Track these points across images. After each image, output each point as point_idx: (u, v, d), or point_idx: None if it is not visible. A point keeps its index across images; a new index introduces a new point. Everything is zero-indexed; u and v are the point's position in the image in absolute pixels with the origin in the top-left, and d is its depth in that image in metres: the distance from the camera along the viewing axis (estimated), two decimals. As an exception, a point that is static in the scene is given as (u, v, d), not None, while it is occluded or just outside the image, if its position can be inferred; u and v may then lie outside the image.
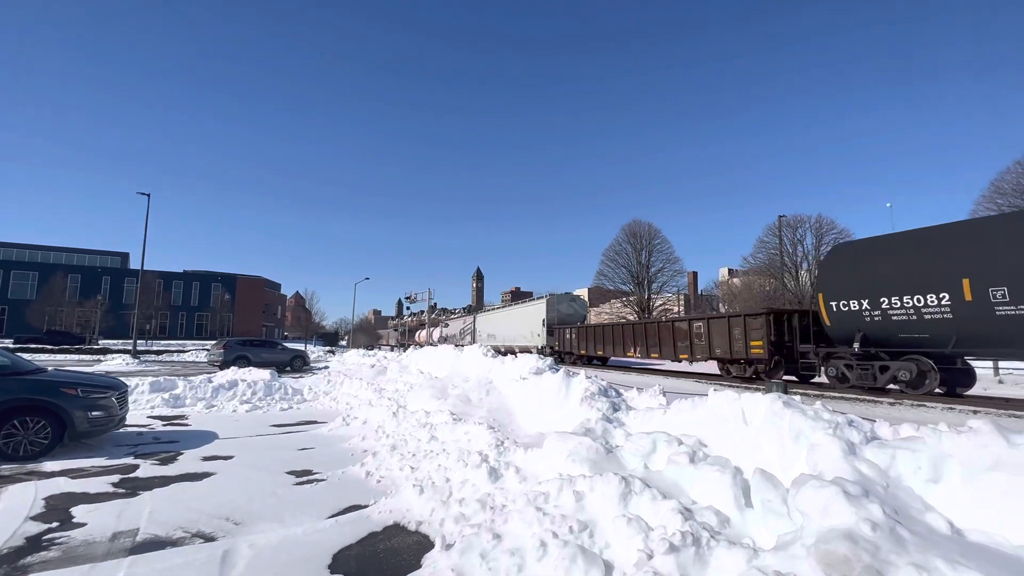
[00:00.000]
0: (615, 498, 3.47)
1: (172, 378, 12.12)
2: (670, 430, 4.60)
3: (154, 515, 4.22)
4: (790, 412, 3.89)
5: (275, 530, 3.93)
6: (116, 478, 5.35)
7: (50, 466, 5.74)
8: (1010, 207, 25.85)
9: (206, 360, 24.69)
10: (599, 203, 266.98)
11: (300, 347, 35.36)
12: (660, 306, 44.50)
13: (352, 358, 29.39)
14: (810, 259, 36.02)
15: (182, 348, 42.40)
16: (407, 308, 77.25)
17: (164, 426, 8.59)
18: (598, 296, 55.26)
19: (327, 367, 25.13)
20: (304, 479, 5.41)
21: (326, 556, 3.49)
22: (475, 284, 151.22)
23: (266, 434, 8.10)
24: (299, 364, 23.63)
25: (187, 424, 8.84)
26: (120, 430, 7.49)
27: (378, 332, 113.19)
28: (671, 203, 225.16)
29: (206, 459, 6.24)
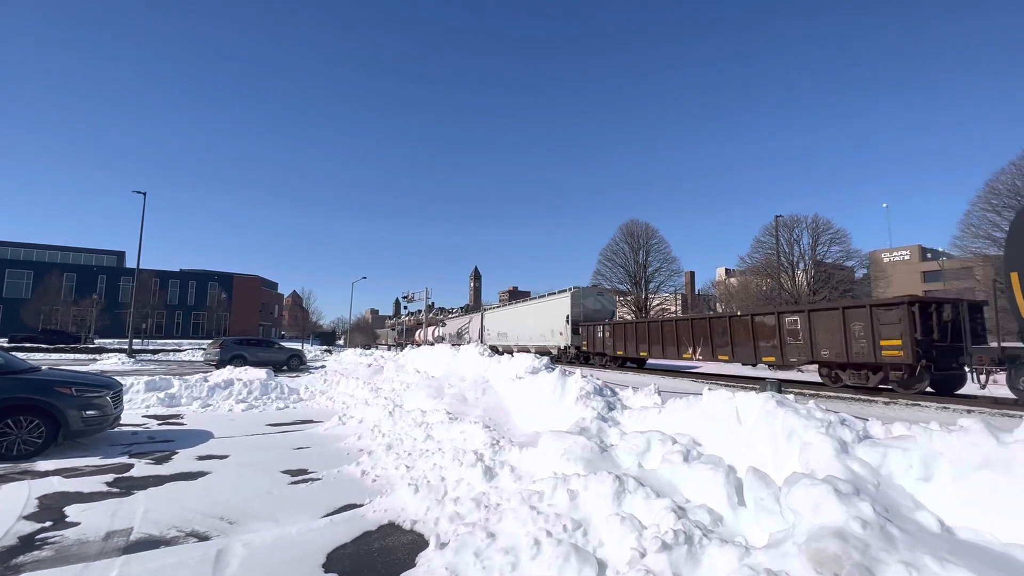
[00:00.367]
0: (609, 497, 3.48)
1: (168, 377, 12.07)
2: (664, 429, 4.62)
3: (148, 514, 4.21)
4: (783, 411, 3.91)
5: (270, 529, 3.92)
6: (110, 477, 5.34)
7: (44, 465, 5.71)
8: (1005, 207, 26.03)
9: (202, 359, 24.62)
10: (597, 203, 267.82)
11: (297, 346, 35.27)
12: (657, 306, 44.57)
13: (349, 357, 29.31)
14: (806, 259, 36.18)
15: (178, 347, 42.28)
16: (404, 308, 77.23)
17: (159, 425, 8.56)
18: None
19: (324, 366, 25.09)
20: (299, 478, 5.41)
21: (320, 555, 3.49)
22: (473, 283, 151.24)
23: (262, 433, 8.08)
24: (296, 363, 23.58)
25: (182, 423, 8.81)
26: (115, 429, 7.47)
27: (375, 332, 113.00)
28: (668, 203, 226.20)
29: (201, 458, 6.23)
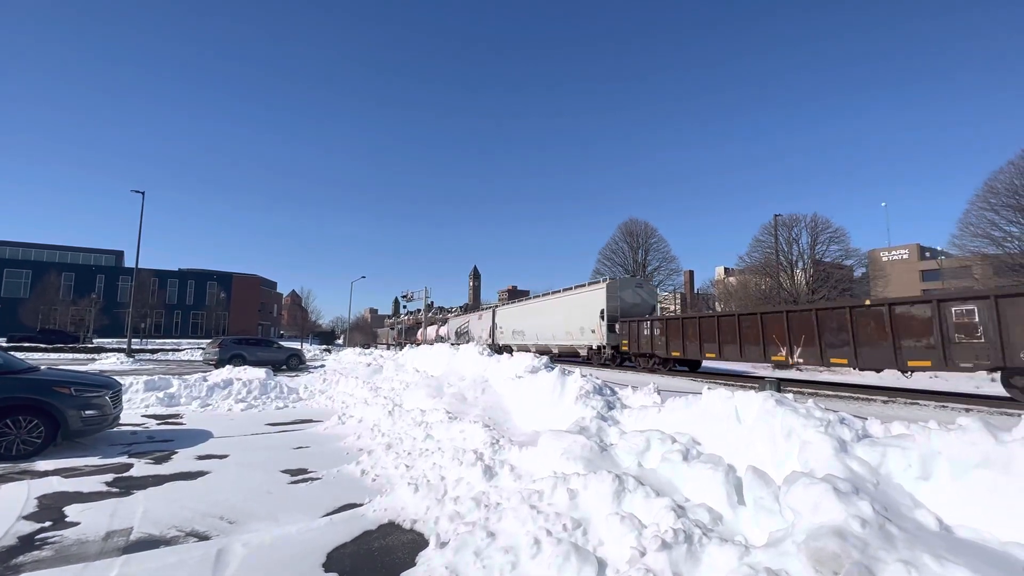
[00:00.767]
0: (609, 496, 3.48)
1: (167, 377, 12.06)
2: (664, 428, 4.62)
3: (148, 514, 4.21)
4: (782, 410, 3.91)
5: (269, 529, 3.92)
6: (110, 477, 5.33)
7: (43, 465, 5.71)
8: (1003, 207, 26.08)
9: (201, 359, 24.60)
10: (596, 203, 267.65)
11: (296, 346, 35.30)
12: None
13: (348, 357, 29.28)
14: (805, 258, 36.23)
15: (177, 347, 42.26)
16: (403, 307, 77.18)
17: (158, 425, 8.55)
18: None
19: (323, 366, 25.06)
20: (299, 478, 5.41)
21: (320, 555, 3.49)
22: (472, 283, 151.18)
23: (261, 433, 8.08)
24: (295, 363, 23.56)
25: (182, 423, 8.80)
26: (114, 429, 7.46)
27: (375, 331, 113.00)
28: (667, 202, 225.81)
29: (200, 458, 6.23)
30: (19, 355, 10.60)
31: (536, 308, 29.49)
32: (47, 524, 3.99)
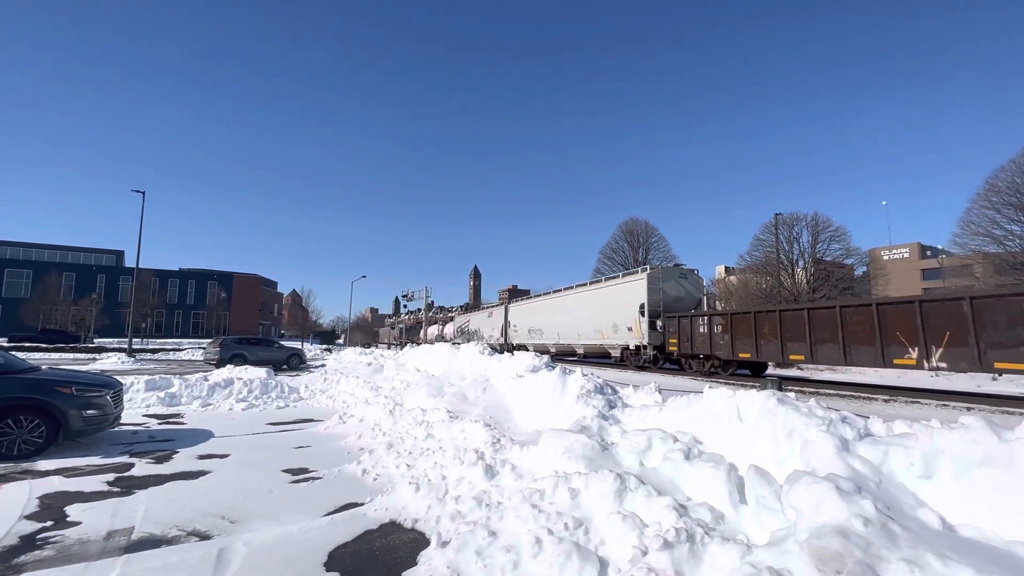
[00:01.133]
0: (610, 495, 3.48)
1: (168, 376, 12.07)
2: (665, 427, 4.61)
3: (149, 514, 4.21)
4: (784, 409, 3.90)
5: (271, 528, 3.93)
6: (111, 477, 5.34)
7: (44, 465, 5.71)
8: (1004, 205, 26.06)
9: (202, 358, 24.64)
10: (596, 203, 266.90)
11: (297, 345, 35.30)
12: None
13: (349, 356, 29.30)
14: (806, 257, 36.21)
15: (178, 346, 42.30)
16: (404, 306, 77.18)
17: (159, 425, 8.56)
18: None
19: (324, 365, 25.10)
20: (300, 477, 5.41)
21: (322, 554, 3.50)
22: (472, 282, 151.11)
23: (262, 432, 8.09)
24: (295, 362, 23.59)
25: (183, 423, 8.81)
26: (115, 429, 7.47)
27: (375, 330, 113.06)
28: (668, 202, 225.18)
29: (202, 457, 6.23)
30: (20, 355, 10.61)
31: (557, 304, 26.30)
32: (48, 524, 3.99)
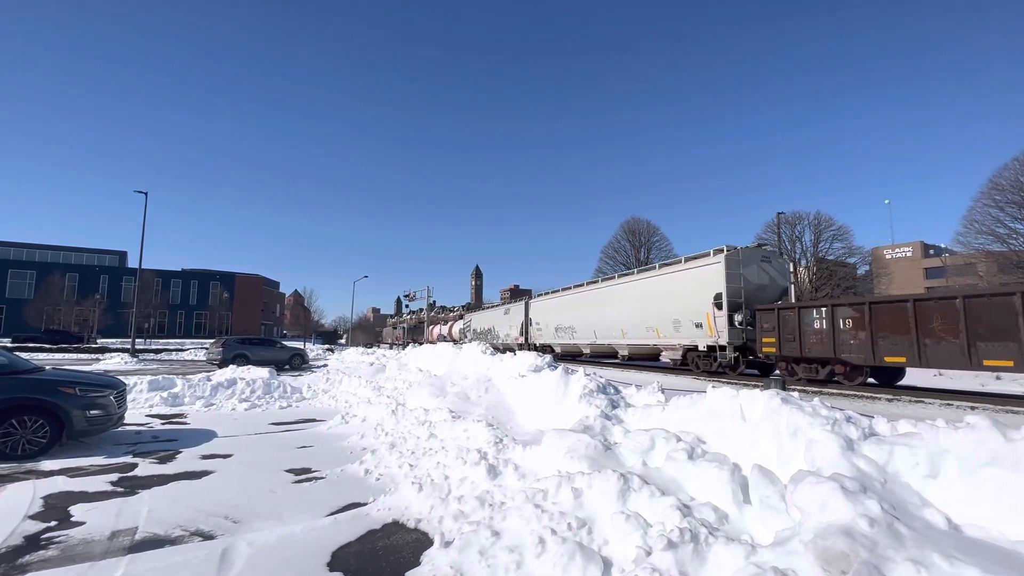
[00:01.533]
0: (613, 495, 3.47)
1: (171, 377, 12.11)
2: (668, 427, 4.60)
3: (153, 514, 4.22)
4: (788, 408, 3.89)
5: (274, 528, 3.93)
6: (115, 477, 5.35)
7: (48, 465, 5.73)
8: (1007, 203, 25.96)
9: (205, 358, 24.70)
10: (597, 203, 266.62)
11: (299, 345, 35.38)
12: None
13: (351, 356, 29.34)
14: (808, 256, 36.13)
15: (181, 347, 42.44)
16: (406, 306, 77.21)
17: (163, 425, 8.58)
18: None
19: (326, 365, 25.14)
20: (303, 477, 5.42)
21: (325, 554, 3.50)
22: (474, 282, 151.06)
23: (265, 432, 8.10)
24: (298, 362, 23.64)
25: (186, 423, 8.83)
26: (118, 429, 7.49)
27: (377, 330, 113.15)
28: (670, 201, 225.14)
29: (205, 457, 6.24)
30: (24, 355, 10.64)
31: (594, 297, 22.07)
32: (53, 524, 4.00)
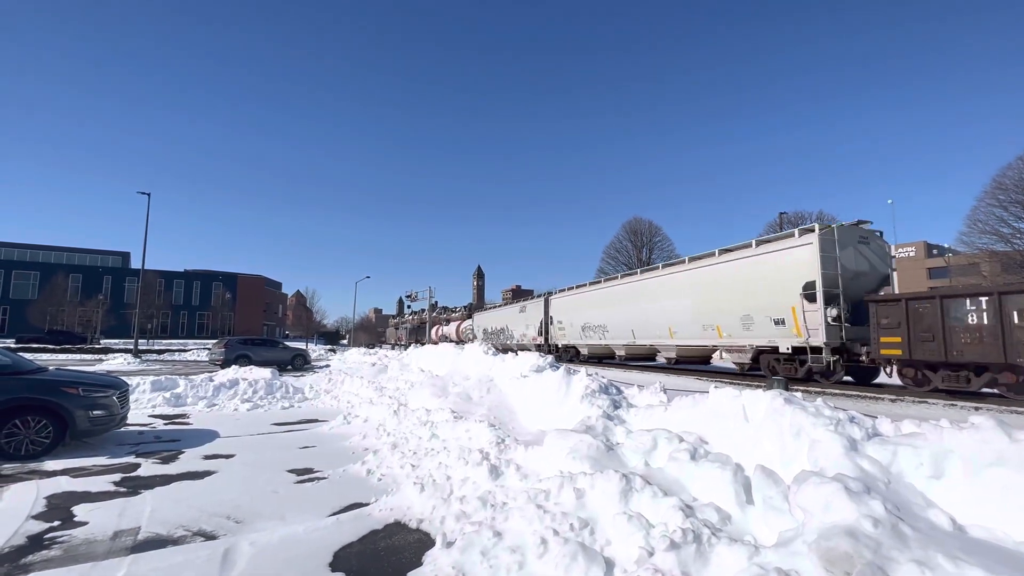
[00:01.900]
0: (616, 495, 3.46)
1: (173, 377, 12.13)
2: (671, 427, 4.59)
3: (155, 514, 4.22)
4: (791, 409, 3.88)
5: (276, 528, 3.93)
6: (117, 477, 5.36)
7: (51, 465, 5.74)
8: (1011, 203, 25.86)
9: (207, 359, 24.77)
10: (599, 204, 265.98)
11: (301, 346, 35.45)
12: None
13: (353, 357, 29.39)
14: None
15: (183, 347, 42.55)
16: (408, 307, 77.26)
17: (165, 425, 8.60)
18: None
19: (328, 366, 25.18)
20: (305, 477, 5.42)
21: (327, 554, 3.49)
22: (476, 282, 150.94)
23: (267, 432, 8.11)
24: (300, 363, 23.68)
25: (188, 423, 8.85)
26: (121, 429, 7.50)
27: (379, 330, 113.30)
28: (672, 201, 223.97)
29: (207, 458, 6.25)
30: (27, 356, 10.68)
31: (634, 291, 18.57)
32: (56, 524, 4.01)
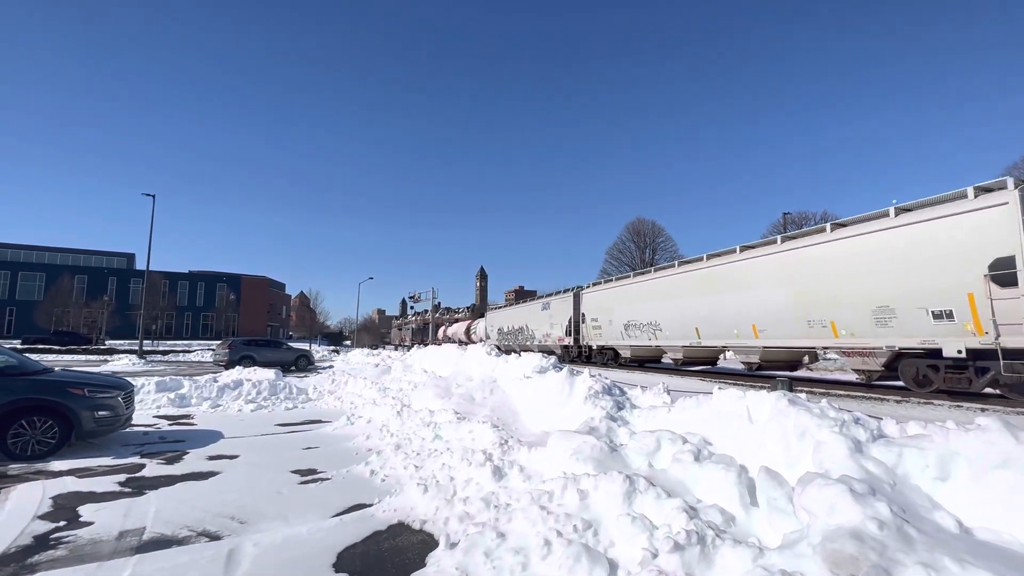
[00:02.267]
0: (619, 497, 3.46)
1: (178, 378, 12.18)
2: (674, 428, 4.58)
3: (160, 514, 4.24)
4: (795, 410, 3.86)
5: (280, 529, 3.94)
6: (122, 477, 5.38)
7: (57, 465, 5.78)
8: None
9: (211, 360, 24.89)
10: (602, 204, 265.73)
11: (305, 347, 35.53)
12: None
13: (356, 357, 29.45)
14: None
15: (188, 348, 42.73)
16: (411, 308, 77.37)
17: (170, 426, 8.64)
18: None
19: (331, 366, 25.22)
20: (309, 478, 5.43)
21: (331, 555, 3.50)
22: (479, 283, 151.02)
23: (271, 433, 8.13)
24: (303, 363, 23.74)
25: (193, 424, 8.88)
26: (126, 430, 7.53)
27: (382, 331, 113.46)
28: (675, 202, 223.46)
29: (212, 458, 6.27)
30: (33, 357, 10.75)
31: (696, 280, 15.35)
32: (61, 524, 4.03)
